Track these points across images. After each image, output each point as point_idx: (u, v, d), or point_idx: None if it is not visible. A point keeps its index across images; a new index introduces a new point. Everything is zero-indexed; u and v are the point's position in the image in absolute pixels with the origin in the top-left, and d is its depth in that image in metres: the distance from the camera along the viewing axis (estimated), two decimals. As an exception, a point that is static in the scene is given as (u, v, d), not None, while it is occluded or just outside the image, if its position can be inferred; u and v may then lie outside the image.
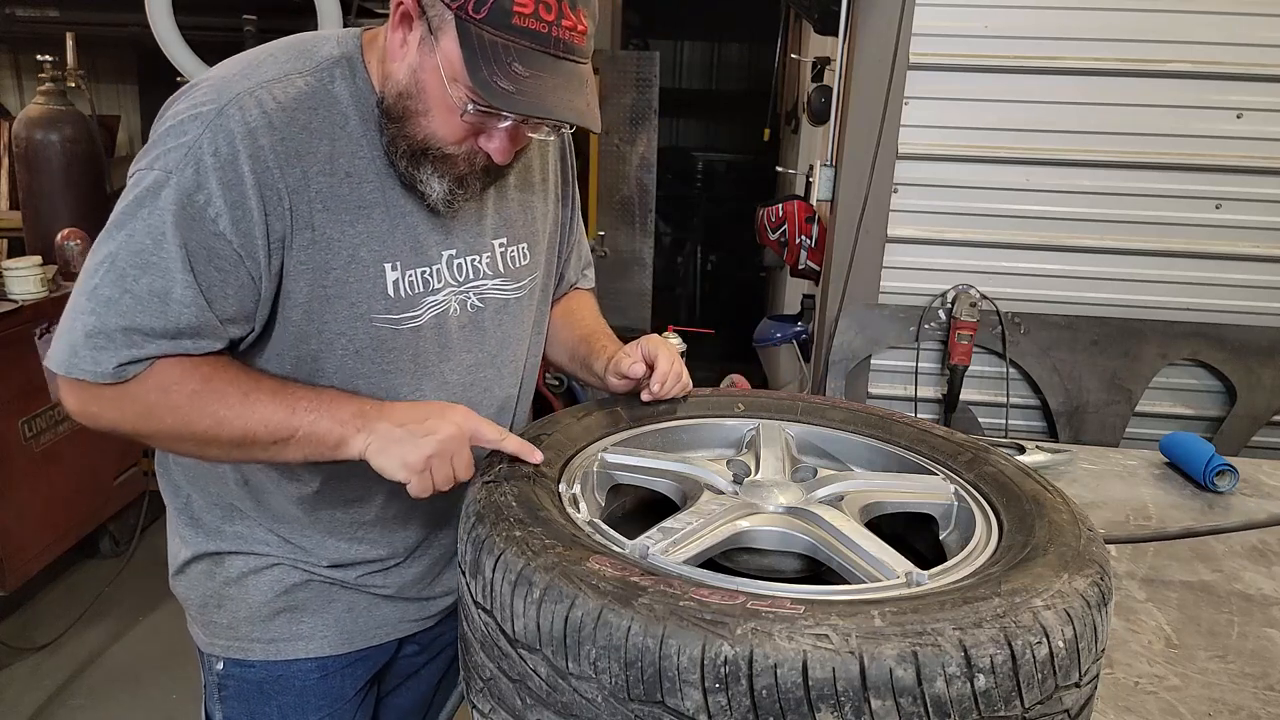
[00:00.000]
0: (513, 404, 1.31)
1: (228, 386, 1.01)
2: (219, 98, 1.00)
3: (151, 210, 0.97)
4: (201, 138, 0.98)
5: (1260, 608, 1.34)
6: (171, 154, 0.98)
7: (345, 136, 1.06)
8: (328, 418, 1.02)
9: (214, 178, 0.98)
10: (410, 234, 1.11)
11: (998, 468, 1.14)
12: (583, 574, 0.80)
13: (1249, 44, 2.53)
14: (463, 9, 0.94)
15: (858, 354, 2.82)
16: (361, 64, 1.08)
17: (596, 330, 1.43)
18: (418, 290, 1.12)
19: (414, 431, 1.02)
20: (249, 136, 0.99)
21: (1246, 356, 2.70)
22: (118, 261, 0.97)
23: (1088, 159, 2.66)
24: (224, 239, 0.99)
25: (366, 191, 1.07)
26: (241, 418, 1.00)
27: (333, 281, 1.06)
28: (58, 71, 3.76)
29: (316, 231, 1.04)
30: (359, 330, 1.09)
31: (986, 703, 0.72)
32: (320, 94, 1.05)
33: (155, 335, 0.98)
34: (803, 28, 4.56)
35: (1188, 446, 1.87)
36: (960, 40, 2.62)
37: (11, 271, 3.02)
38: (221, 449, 1.03)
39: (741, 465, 1.22)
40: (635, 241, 5.79)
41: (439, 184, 1.07)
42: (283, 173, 1.01)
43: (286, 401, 1.02)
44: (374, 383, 1.12)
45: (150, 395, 1.00)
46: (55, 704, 2.79)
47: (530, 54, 0.96)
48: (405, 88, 1.02)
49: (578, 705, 0.77)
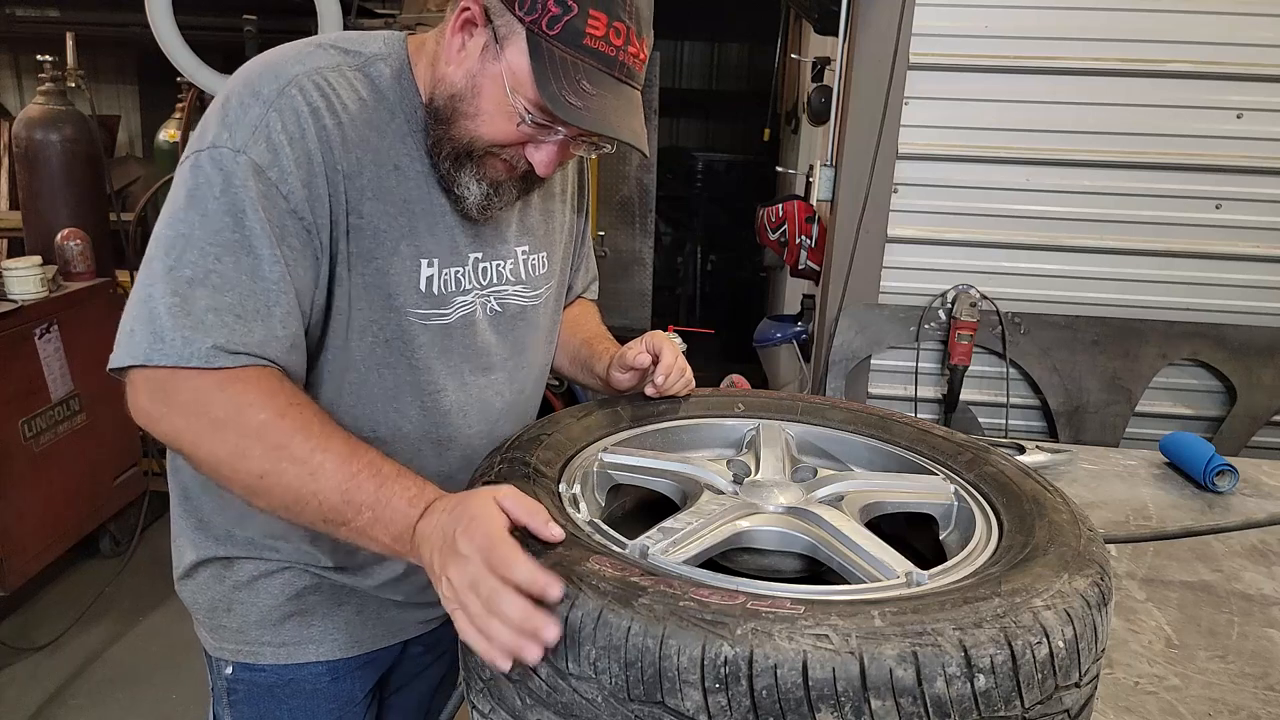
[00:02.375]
0: (520, 410, 1.32)
1: (297, 435, 0.93)
2: (277, 79, 1.00)
3: (225, 188, 0.96)
4: (268, 115, 0.98)
5: (1260, 608, 1.34)
6: (238, 132, 0.97)
7: (392, 133, 1.07)
8: (383, 526, 0.92)
9: (286, 153, 0.98)
10: (447, 234, 1.13)
11: (998, 468, 1.14)
12: (583, 574, 0.80)
13: (1249, 44, 2.53)
14: (536, 24, 0.96)
15: (858, 354, 2.82)
16: (408, 66, 1.10)
17: (598, 334, 1.45)
18: (450, 289, 1.14)
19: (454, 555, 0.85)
20: (314, 116, 1.00)
21: (1246, 356, 2.70)
22: (195, 242, 0.94)
23: (1088, 159, 2.66)
24: (296, 216, 0.99)
25: (410, 187, 1.09)
26: (299, 483, 0.92)
27: (374, 271, 1.08)
28: (58, 71, 3.76)
29: (365, 219, 1.06)
30: (390, 321, 1.10)
31: (986, 703, 0.72)
32: (369, 88, 1.07)
33: (246, 318, 0.95)
34: (803, 28, 4.56)
35: (1188, 446, 1.87)
36: (960, 40, 2.62)
37: (11, 271, 3.03)
38: (267, 501, 0.95)
39: (741, 465, 1.22)
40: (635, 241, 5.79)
41: (477, 187, 1.09)
42: (344, 155, 1.02)
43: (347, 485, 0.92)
44: (399, 374, 1.13)
45: (225, 407, 0.93)
46: (55, 704, 2.80)
47: (597, 74, 0.99)
48: (460, 90, 1.04)
49: (578, 705, 0.77)
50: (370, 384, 1.13)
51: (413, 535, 0.89)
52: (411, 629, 1.31)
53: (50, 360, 3.14)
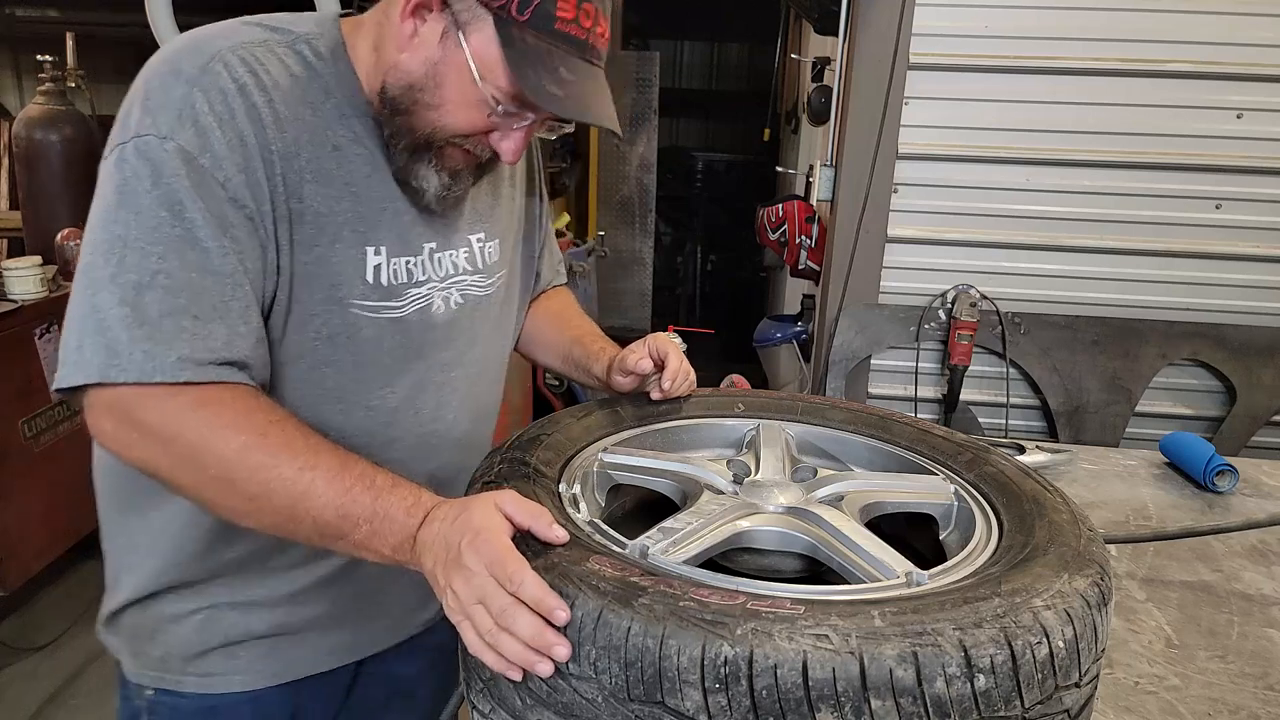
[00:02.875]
0: (476, 404, 1.26)
1: (283, 452, 0.89)
2: (199, 55, 0.93)
3: (156, 181, 0.89)
4: (193, 94, 0.90)
5: (1260, 608, 1.34)
6: (161, 118, 0.90)
7: (328, 112, 1.01)
8: (381, 538, 0.89)
9: (217, 136, 0.91)
10: (396, 221, 1.07)
11: (998, 468, 1.14)
12: (583, 574, 0.80)
13: (1249, 44, 2.53)
14: (504, 9, 0.92)
15: (858, 354, 2.82)
16: (342, 47, 1.04)
17: (588, 331, 1.41)
18: (400, 280, 1.08)
19: (458, 567, 0.83)
20: (242, 93, 0.93)
21: (1246, 356, 2.70)
22: (133, 243, 0.87)
23: (1088, 159, 2.66)
24: (236, 204, 0.93)
25: (352, 170, 1.03)
26: (290, 503, 0.89)
27: (315, 258, 1.01)
28: (58, 71, 3.76)
29: (305, 203, 0.99)
30: (334, 314, 1.04)
31: (986, 703, 0.72)
32: (301, 66, 1.00)
33: (204, 318, 0.89)
34: (803, 28, 4.56)
35: (1188, 446, 1.87)
36: (960, 40, 2.63)
37: (11, 271, 3.03)
38: (258, 521, 0.92)
39: (741, 465, 1.22)
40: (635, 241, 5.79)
41: (436, 179, 1.04)
42: (277, 134, 0.95)
43: (341, 500, 0.89)
44: (344, 373, 1.06)
45: (200, 432, 0.88)
46: (55, 704, 2.80)
47: (571, 60, 0.96)
48: (418, 80, 0.98)
49: (578, 705, 0.77)
50: (311, 382, 1.05)
51: (414, 545, 0.87)
52: (343, 655, 1.24)
53: (50, 360, 3.13)
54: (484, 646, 0.80)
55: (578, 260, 4.21)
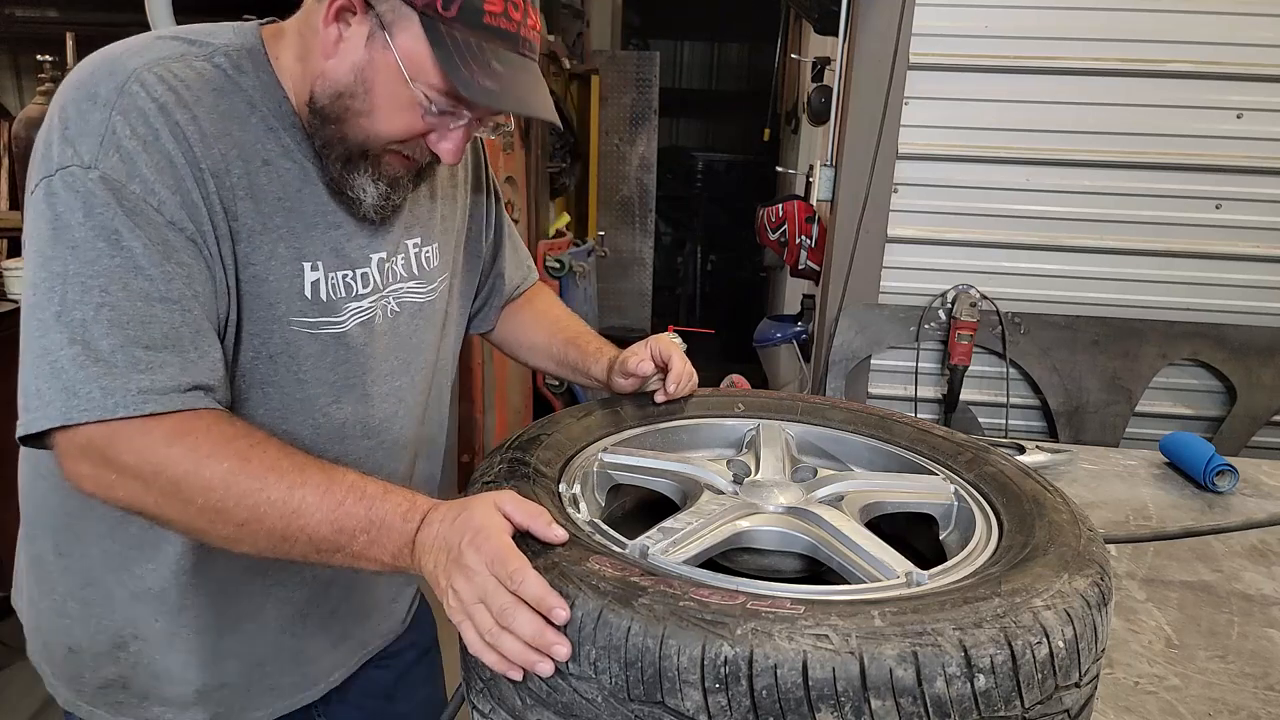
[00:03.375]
0: (424, 412, 1.24)
1: (270, 473, 0.88)
2: (113, 77, 0.89)
3: (89, 213, 0.85)
4: (111, 119, 0.87)
5: (1260, 608, 1.34)
6: (82, 146, 0.86)
7: (254, 126, 0.98)
8: (379, 545, 0.88)
9: (143, 160, 0.87)
10: (331, 234, 1.04)
11: (998, 468, 1.14)
12: (583, 574, 0.80)
13: (1249, 44, 2.53)
14: (429, 6, 0.90)
15: (858, 354, 2.82)
16: (264, 57, 1.00)
17: (581, 331, 1.40)
18: (339, 295, 1.05)
19: (458, 568, 0.84)
20: (162, 112, 0.89)
21: (1246, 356, 2.70)
22: (73, 279, 0.85)
23: (1088, 159, 2.66)
24: (175, 228, 0.89)
25: (284, 185, 1.00)
26: (285, 524, 0.88)
27: (250, 277, 0.98)
28: (58, 71, 3.75)
29: (239, 221, 0.96)
30: (274, 333, 1.01)
31: (986, 703, 0.72)
32: (222, 79, 0.96)
33: (154, 347, 0.87)
34: (803, 28, 4.56)
35: (1188, 446, 1.87)
36: (960, 40, 2.63)
37: (11, 271, 3.02)
38: (253, 545, 0.90)
39: (741, 465, 1.22)
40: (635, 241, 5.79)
41: (373, 188, 1.02)
42: (205, 151, 0.92)
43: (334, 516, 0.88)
44: (287, 392, 1.04)
45: (181, 464, 0.86)
46: (55, 704, 2.79)
47: (503, 53, 0.94)
48: (346, 86, 0.96)
49: (578, 705, 0.77)
50: (253, 403, 1.02)
51: (413, 549, 0.87)
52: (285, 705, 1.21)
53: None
54: (485, 646, 0.80)
55: (578, 260, 4.22)
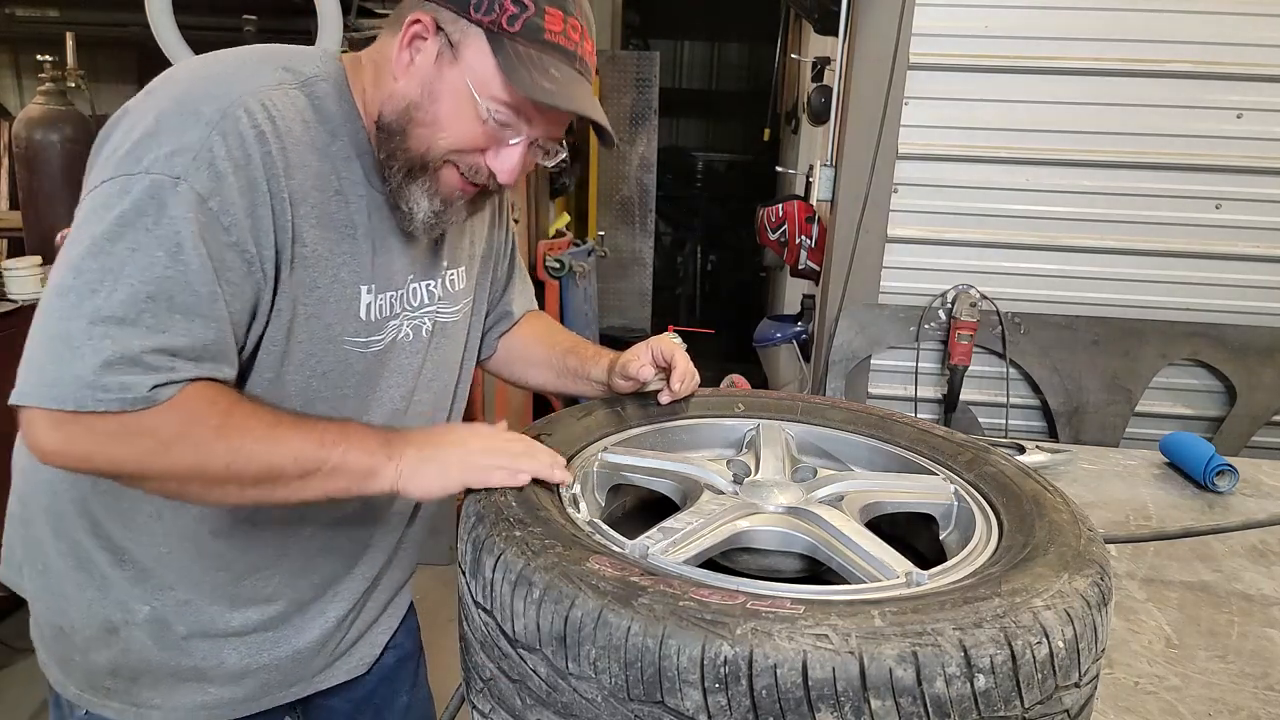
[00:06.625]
0: (445, 424, 1.29)
1: (250, 420, 0.95)
2: (219, 100, 0.94)
3: (159, 219, 0.88)
4: (210, 140, 0.91)
5: (1260, 608, 1.34)
6: (175, 158, 0.90)
7: (333, 155, 1.04)
8: (357, 449, 0.98)
9: (230, 181, 0.92)
10: (386, 258, 1.10)
11: (998, 468, 1.14)
12: (583, 574, 0.80)
13: (1249, 44, 2.53)
14: (495, 23, 0.97)
15: (858, 354, 2.82)
16: (347, 87, 1.06)
17: (578, 342, 1.44)
18: (384, 314, 1.11)
19: (441, 450, 1.01)
20: (260, 140, 0.94)
21: (1246, 356, 2.70)
22: (125, 278, 0.87)
23: (1088, 159, 2.66)
24: (238, 249, 0.94)
25: (352, 212, 1.06)
26: (268, 452, 0.94)
27: (314, 300, 1.03)
28: (58, 71, 3.75)
29: (308, 247, 1.01)
30: (328, 352, 1.07)
31: (986, 703, 0.72)
32: (313, 109, 1.02)
33: (186, 356, 0.91)
34: (803, 28, 4.56)
35: (1188, 446, 1.87)
36: (960, 40, 2.63)
37: (11, 271, 3.03)
38: (239, 486, 0.95)
39: (741, 465, 1.22)
40: (635, 241, 5.79)
41: (427, 202, 1.06)
42: (287, 181, 0.98)
43: (313, 434, 0.97)
44: (330, 405, 1.09)
45: (171, 428, 0.90)
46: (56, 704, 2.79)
47: (561, 65, 1.00)
48: (414, 99, 1.01)
49: (578, 705, 0.77)
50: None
51: (389, 441, 1.00)
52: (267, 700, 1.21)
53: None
54: (512, 473, 1.00)
55: (578, 260, 4.21)
